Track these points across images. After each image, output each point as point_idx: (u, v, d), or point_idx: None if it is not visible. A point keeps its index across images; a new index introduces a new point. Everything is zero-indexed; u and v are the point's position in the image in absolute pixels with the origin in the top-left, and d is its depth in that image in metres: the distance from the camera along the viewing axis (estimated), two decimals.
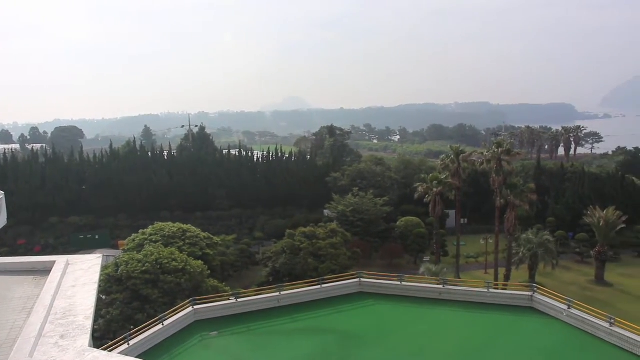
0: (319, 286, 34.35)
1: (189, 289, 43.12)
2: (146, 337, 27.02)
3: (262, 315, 31.58)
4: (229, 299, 32.96)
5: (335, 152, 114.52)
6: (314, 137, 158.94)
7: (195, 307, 31.18)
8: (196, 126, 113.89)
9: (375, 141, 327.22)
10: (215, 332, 29.15)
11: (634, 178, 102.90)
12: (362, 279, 35.36)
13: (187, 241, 55.03)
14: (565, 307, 30.06)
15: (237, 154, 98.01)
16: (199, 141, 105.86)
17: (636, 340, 26.02)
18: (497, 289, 41.59)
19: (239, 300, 32.46)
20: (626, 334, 26.60)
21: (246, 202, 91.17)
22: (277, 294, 33.17)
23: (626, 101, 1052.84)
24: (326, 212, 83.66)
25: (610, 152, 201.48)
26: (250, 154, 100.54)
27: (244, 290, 37.18)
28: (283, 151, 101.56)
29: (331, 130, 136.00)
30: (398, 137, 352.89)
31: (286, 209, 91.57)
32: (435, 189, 66.88)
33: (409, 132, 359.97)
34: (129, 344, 25.82)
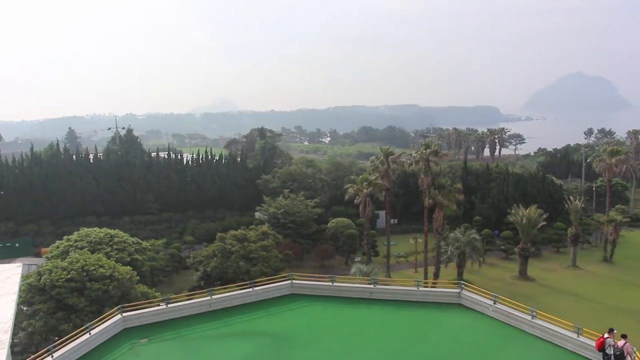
0: (250, 289, 34.19)
1: (117, 296, 41.99)
2: (72, 348, 26.07)
3: (193, 320, 31.12)
4: (159, 305, 32.28)
5: (265, 154, 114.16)
6: (245, 140, 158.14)
7: (124, 314, 30.39)
8: (123, 128, 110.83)
9: (306, 143, 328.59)
10: (145, 339, 28.51)
11: (553, 177, 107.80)
12: (293, 281, 35.41)
13: (115, 247, 53.62)
14: (491, 302, 31.13)
15: (166, 157, 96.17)
16: (126, 144, 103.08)
17: (555, 331, 27.45)
18: (427, 287, 42.58)
19: (169, 305, 31.87)
20: (546, 325, 28.00)
21: (176, 206, 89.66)
22: (209, 298, 32.77)
23: (546, 105, 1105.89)
24: (257, 214, 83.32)
25: (532, 153, 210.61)
26: (179, 156, 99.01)
27: (174, 296, 36.48)
28: (213, 154, 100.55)
29: (262, 132, 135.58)
30: (329, 138, 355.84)
31: (217, 212, 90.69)
32: (365, 190, 67.72)
33: (340, 134, 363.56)
34: (52, 357, 24.84)
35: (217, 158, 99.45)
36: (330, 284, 35.38)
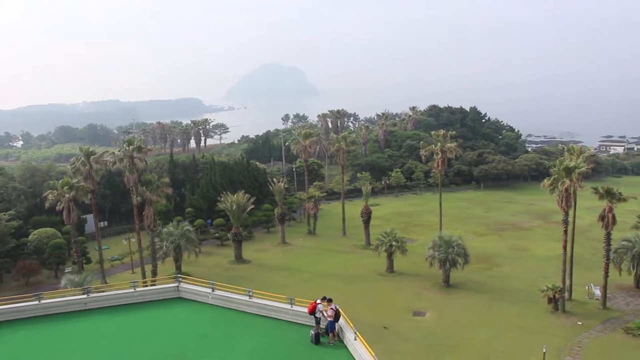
0: None
1: None
2: None
3: None
4: None
5: None
6: None
7: None
8: None
9: None
10: None
11: (257, 162, 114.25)
12: None
13: None
14: (209, 290, 31.63)
15: None
16: None
17: (271, 306, 29.29)
18: (146, 286, 41.53)
19: None
20: (263, 302, 29.64)
21: None
22: None
23: (246, 94, 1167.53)
24: None
25: (236, 141, 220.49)
26: None
27: None
28: None
29: None
30: (21, 142, 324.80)
31: None
32: (67, 195, 63.46)
33: (34, 136, 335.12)
34: None
35: None
36: (37, 302, 32.11)
